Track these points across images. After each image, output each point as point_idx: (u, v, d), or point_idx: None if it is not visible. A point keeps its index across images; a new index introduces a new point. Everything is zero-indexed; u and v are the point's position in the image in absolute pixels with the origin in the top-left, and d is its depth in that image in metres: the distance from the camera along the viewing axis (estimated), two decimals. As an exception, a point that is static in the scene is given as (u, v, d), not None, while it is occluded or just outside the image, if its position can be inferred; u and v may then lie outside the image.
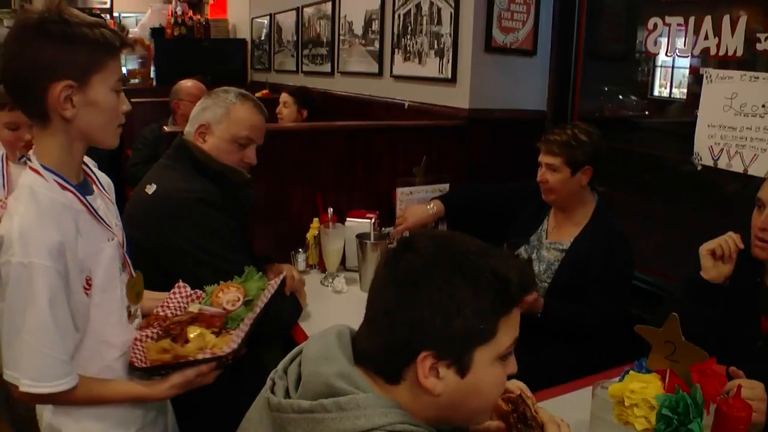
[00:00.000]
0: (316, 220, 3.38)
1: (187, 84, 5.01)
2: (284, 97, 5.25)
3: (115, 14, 12.21)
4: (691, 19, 2.99)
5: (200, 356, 1.82)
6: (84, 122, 1.65)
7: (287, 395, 1.28)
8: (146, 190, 2.48)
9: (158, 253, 2.34)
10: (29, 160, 1.68)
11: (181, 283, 2.09)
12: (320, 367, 1.26)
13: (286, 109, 5.19)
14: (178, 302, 2.04)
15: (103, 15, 9.54)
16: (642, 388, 1.74)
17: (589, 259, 2.85)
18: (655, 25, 3.17)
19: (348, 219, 3.39)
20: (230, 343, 1.87)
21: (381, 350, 1.27)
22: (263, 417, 1.33)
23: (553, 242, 3.02)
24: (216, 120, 2.54)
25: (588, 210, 2.98)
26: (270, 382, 1.34)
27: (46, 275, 1.54)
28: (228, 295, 2.07)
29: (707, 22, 2.91)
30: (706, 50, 2.94)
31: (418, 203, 3.48)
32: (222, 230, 2.41)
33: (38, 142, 1.69)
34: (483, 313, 1.22)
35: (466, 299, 1.21)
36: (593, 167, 2.90)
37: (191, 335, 1.89)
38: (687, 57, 3.13)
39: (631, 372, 1.83)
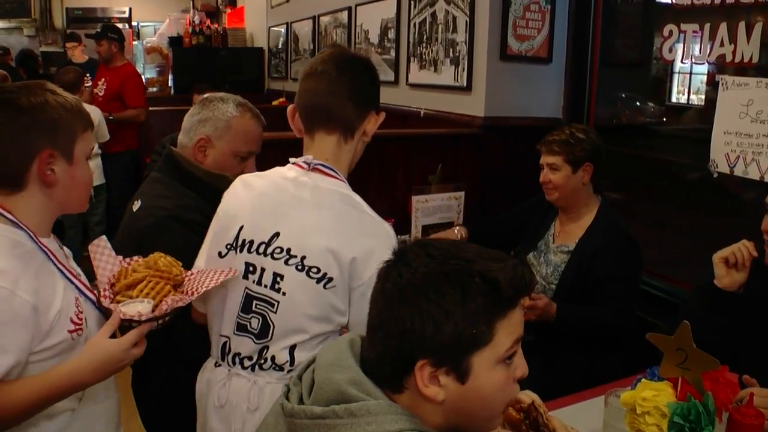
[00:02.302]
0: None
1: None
2: None
3: (134, 23, 12.35)
4: (707, 26, 2.99)
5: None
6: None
7: (301, 401, 1.29)
8: (133, 206, 2.44)
9: None
10: None
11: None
12: (332, 374, 1.27)
13: None
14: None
15: (121, 24, 9.65)
16: (654, 396, 1.75)
17: (594, 258, 2.87)
18: (671, 32, 3.17)
19: (364, 226, 3.39)
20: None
21: (380, 361, 1.27)
22: (278, 422, 1.34)
23: (559, 245, 3.06)
24: (217, 135, 2.43)
25: (592, 211, 3.02)
26: (285, 388, 1.36)
27: None
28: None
29: (723, 29, 2.91)
30: (721, 57, 2.94)
31: (433, 209, 3.49)
32: (186, 250, 2.13)
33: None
34: (474, 317, 1.21)
35: (455, 305, 1.20)
36: (593, 164, 2.96)
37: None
38: (703, 64, 3.13)
39: (643, 380, 1.84)
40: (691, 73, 3.58)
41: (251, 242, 1.88)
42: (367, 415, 1.20)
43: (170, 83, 8.78)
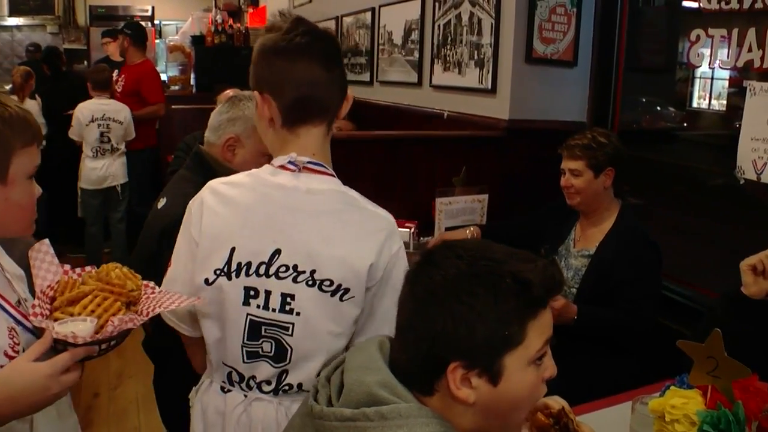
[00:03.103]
0: (355, 228, 3.38)
1: (229, 94, 5.04)
2: (345, 125, 4.94)
3: (156, 21, 12.42)
4: (735, 31, 2.96)
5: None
6: None
7: (329, 403, 1.29)
8: (158, 204, 2.42)
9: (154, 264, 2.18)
10: None
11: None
12: (363, 376, 1.27)
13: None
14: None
15: (144, 22, 9.70)
16: (683, 404, 1.73)
17: (614, 261, 2.88)
18: (698, 37, 3.14)
19: (387, 228, 3.39)
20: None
21: (410, 364, 1.27)
22: (306, 424, 1.33)
23: (579, 250, 3.07)
24: (246, 134, 2.40)
25: (613, 215, 3.03)
26: (313, 389, 1.36)
27: None
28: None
29: (751, 34, 2.89)
30: (749, 62, 2.92)
31: (457, 212, 3.49)
32: None
33: None
34: (506, 318, 1.21)
35: (487, 306, 1.20)
36: (615, 169, 2.96)
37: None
38: (730, 69, 3.10)
39: (672, 387, 1.82)
40: (712, 78, 3.55)
41: (248, 264, 1.68)
42: (397, 417, 1.19)
43: (192, 82, 8.81)
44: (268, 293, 1.68)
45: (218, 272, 1.69)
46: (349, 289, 1.66)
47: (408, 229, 3.32)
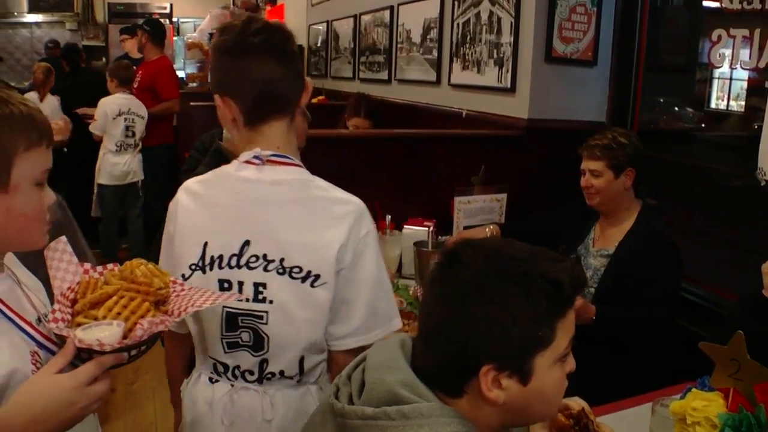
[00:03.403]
0: (373, 227, 3.38)
1: None
2: (363, 123, 4.67)
3: (174, 19, 12.46)
4: (757, 32, 2.94)
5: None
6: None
7: (350, 401, 1.30)
8: None
9: None
10: None
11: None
12: (384, 375, 1.27)
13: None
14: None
15: (162, 20, 9.74)
16: (704, 407, 1.73)
17: (633, 262, 2.87)
18: (719, 37, 3.12)
19: (405, 227, 3.40)
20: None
21: (438, 367, 1.27)
22: (327, 421, 1.34)
23: (599, 249, 3.06)
24: None
25: (632, 216, 3.02)
26: (334, 387, 1.36)
27: None
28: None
29: (775, 34, 2.87)
30: (772, 63, 2.90)
31: (475, 211, 3.49)
32: None
33: None
34: (539, 319, 1.22)
35: (521, 307, 1.20)
36: (635, 169, 2.96)
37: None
38: (752, 70, 3.08)
39: (693, 389, 1.82)
40: (731, 79, 3.53)
41: (221, 257, 1.73)
42: (419, 417, 1.20)
43: (209, 79, 8.83)
44: (240, 284, 1.73)
45: (193, 267, 1.75)
46: (319, 275, 1.70)
47: (426, 228, 3.32)
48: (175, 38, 10.91)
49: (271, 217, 1.71)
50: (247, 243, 1.71)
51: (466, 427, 1.22)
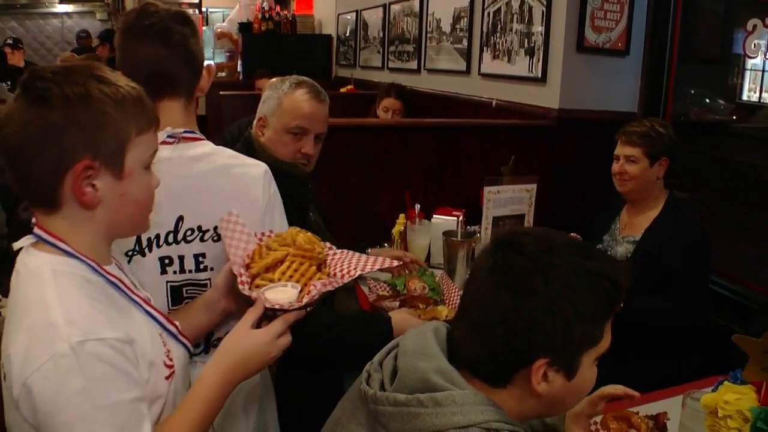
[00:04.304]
0: (402, 215, 3.39)
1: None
2: (395, 104, 4.73)
3: (204, 9, 12.50)
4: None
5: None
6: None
7: (382, 388, 1.29)
8: None
9: None
10: None
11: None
12: (418, 362, 1.26)
13: (397, 115, 4.71)
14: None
15: (192, 10, 9.78)
16: (736, 400, 1.71)
17: (663, 249, 2.87)
18: (755, 27, 3.08)
19: (435, 216, 3.39)
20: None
21: (490, 357, 1.25)
22: (357, 407, 1.34)
23: (625, 236, 3.08)
24: (271, 112, 2.48)
25: (660, 204, 3.02)
26: (365, 373, 1.36)
27: None
28: None
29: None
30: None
31: (505, 201, 3.47)
32: None
33: None
34: (598, 317, 1.23)
35: (586, 305, 1.21)
36: (669, 159, 2.97)
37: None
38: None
39: (725, 383, 1.80)
40: (763, 71, 3.48)
41: (157, 237, 1.76)
42: (452, 404, 1.19)
43: (239, 69, 8.86)
44: (181, 258, 1.79)
45: (131, 252, 1.75)
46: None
47: (456, 218, 3.30)
48: (204, 28, 10.94)
49: (198, 190, 1.76)
50: (181, 219, 1.77)
51: (499, 416, 1.21)
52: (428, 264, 3.31)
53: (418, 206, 3.26)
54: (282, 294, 1.52)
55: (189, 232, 1.78)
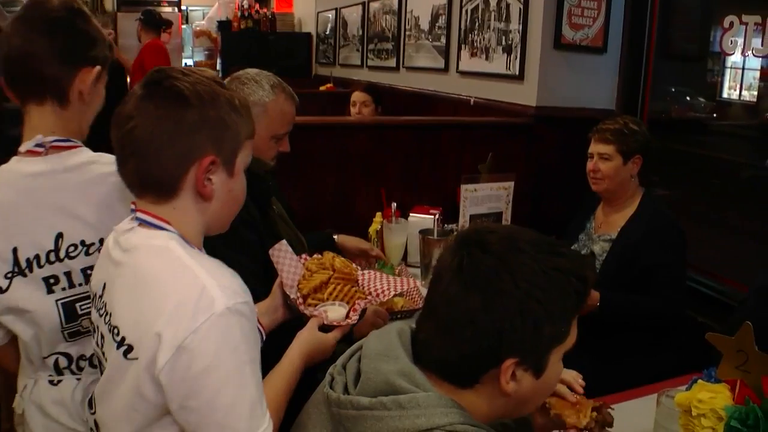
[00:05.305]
0: (378, 214, 3.37)
1: None
2: (361, 96, 4.86)
3: (183, 7, 12.43)
4: (771, 18, 2.90)
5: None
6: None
7: (346, 391, 1.27)
8: None
9: None
10: None
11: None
12: (381, 364, 1.25)
13: (366, 108, 4.81)
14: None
15: (171, 8, 9.74)
16: (710, 398, 1.69)
17: (638, 246, 2.86)
18: (731, 24, 3.08)
19: (411, 214, 3.38)
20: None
21: (458, 358, 1.23)
22: (321, 412, 1.33)
23: (601, 235, 3.07)
24: (255, 120, 2.33)
25: (635, 202, 3.02)
26: (328, 377, 1.34)
27: None
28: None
29: (788, 21, 2.82)
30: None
31: (482, 199, 3.46)
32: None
33: None
34: (567, 315, 1.23)
35: (554, 303, 1.20)
36: (643, 157, 2.96)
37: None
38: (765, 57, 3.04)
39: (699, 381, 1.78)
40: (743, 68, 3.49)
41: (37, 257, 1.66)
42: (416, 407, 1.17)
43: (218, 67, 8.83)
44: (68, 274, 1.69)
45: (9, 275, 1.66)
46: None
47: (432, 216, 3.29)
48: (183, 26, 10.89)
49: (75, 203, 1.66)
50: (60, 236, 1.66)
51: (463, 418, 1.19)
52: (405, 263, 3.29)
53: (394, 205, 3.23)
54: (335, 313, 1.87)
55: (71, 248, 1.68)
